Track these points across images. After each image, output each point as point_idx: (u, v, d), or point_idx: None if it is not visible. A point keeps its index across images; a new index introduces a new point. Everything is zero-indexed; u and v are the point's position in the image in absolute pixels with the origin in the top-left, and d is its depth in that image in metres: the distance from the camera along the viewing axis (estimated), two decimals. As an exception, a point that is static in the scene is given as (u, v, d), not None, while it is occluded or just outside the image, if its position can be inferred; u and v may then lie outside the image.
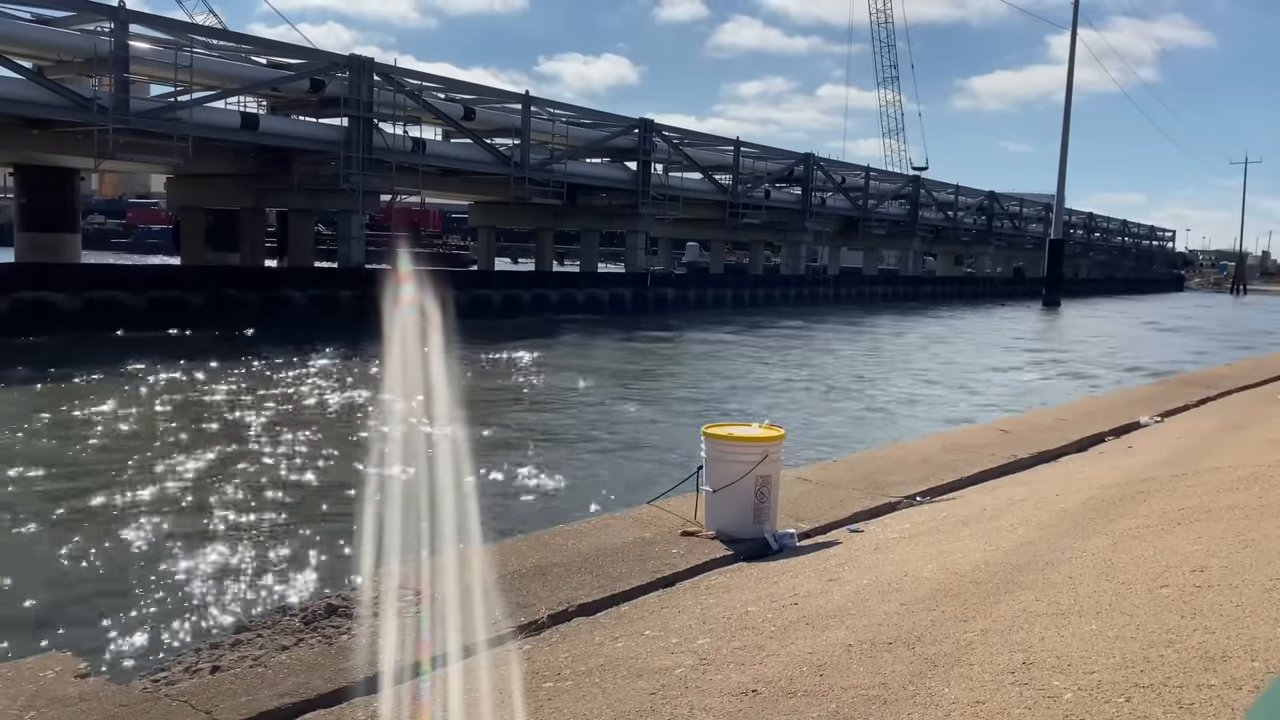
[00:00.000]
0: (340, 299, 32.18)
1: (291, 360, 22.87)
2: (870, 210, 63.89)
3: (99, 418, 15.38)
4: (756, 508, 6.23)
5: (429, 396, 15.59)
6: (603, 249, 51.97)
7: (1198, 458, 7.81)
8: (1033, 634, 3.43)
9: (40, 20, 28.73)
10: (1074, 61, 74.18)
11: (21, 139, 28.57)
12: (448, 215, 79.74)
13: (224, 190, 35.97)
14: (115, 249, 71.68)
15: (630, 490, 11.11)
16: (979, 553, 4.88)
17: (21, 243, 31.92)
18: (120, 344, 24.32)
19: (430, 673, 3.88)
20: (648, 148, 44.99)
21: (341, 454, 13.42)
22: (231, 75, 32.16)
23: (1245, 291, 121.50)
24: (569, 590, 4.95)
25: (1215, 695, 2.70)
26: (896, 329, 42.65)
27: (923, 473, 8.34)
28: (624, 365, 25.81)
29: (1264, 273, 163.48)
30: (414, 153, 35.81)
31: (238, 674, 3.91)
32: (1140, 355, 34.04)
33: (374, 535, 9.21)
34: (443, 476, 9.87)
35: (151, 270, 33.55)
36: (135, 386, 18.59)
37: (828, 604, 4.31)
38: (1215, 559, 4.09)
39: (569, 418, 17.29)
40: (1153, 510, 5.30)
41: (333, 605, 4.65)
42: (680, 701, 3.24)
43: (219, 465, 12.56)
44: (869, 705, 2.98)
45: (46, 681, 3.76)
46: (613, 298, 43.44)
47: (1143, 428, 11.82)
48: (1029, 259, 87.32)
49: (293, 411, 16.58)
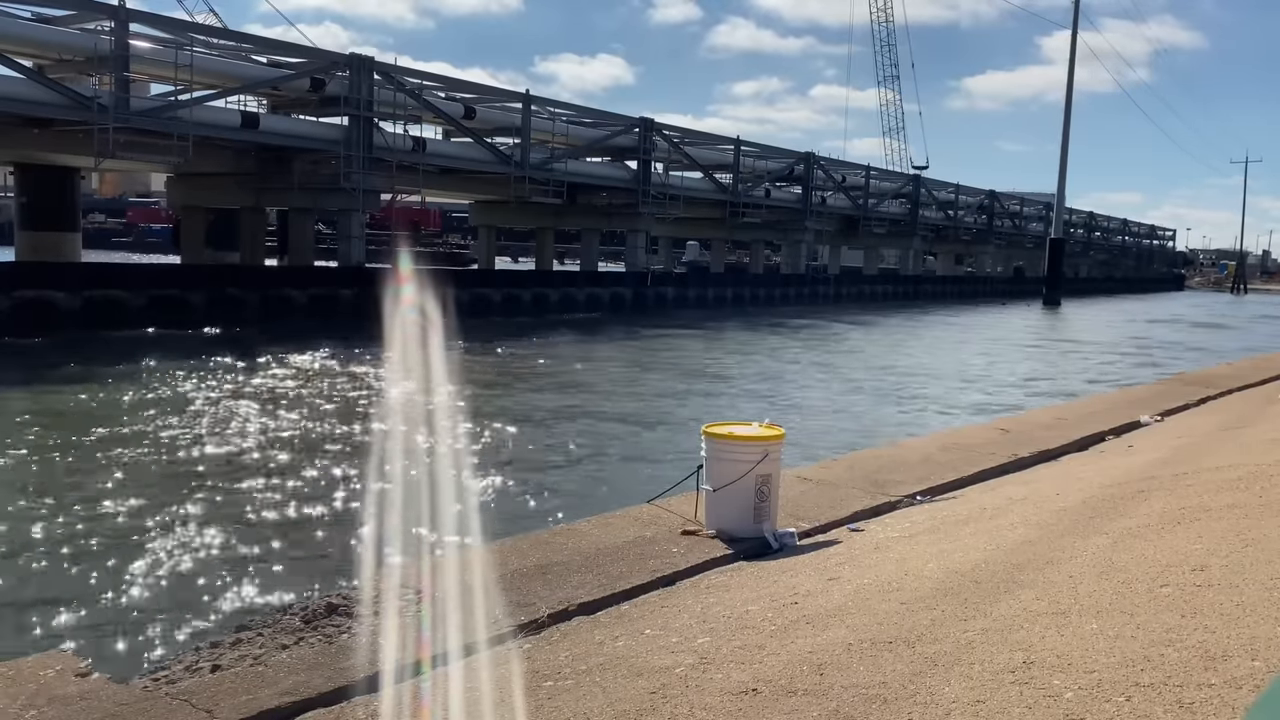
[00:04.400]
0: (340, 298, 32.18)
1: (292, 359, 22.86)
2: (871, 209, 63.86)
3: (98, 417, 15.38)
4: (757, 507, 6.23)
5: (429, 395, 15.60)
6: (603, 248, 51.96)
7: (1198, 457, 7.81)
8: (1033, 633, 3.43)
9: (40, 19, 28.73)
10: (1074, 60, 74.21)
11: (22, 138, 28.57)
12: (448, 214, 79.72)
13: (224, 189, 35.96)
14: (115, 248, 71.72)
15: (630, 489, 11.11)
16: (979, 552, 4.88)
17: (22, 242, 31.94)
18: (120, 343, 24.31)
19: (431, 671, 3.88)
20: (648, 147, 44.98)
21: (342, 453, 13.42)
22: (232, 74, 32.15)
23: (1245, 291, 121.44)
24: (569, 589, 4.95)
25: (1216, 694, 2.70)
26: (909, 328, 42.65)
27: (923, 472, 8.34)
28: (624, 364, 25.80)
29: (1264, 272, 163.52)
30: (414, 152, 35.81)
31: (238, 673, 3.91)
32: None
33: (374, 534, 9.21)
34: (443, 476, 9.88)
35: (152, 269, 33.56)
36: (134, 386, 18.58)
37: (828, 603, 4.31)
38: (1216, 558, 4.09)
39: (569, 417, 17.29)
40: (1153, 509, 5.30)
41: (333, 604, 4.65)
42: (680, 700, 3.24)
43: (219, 464, 12.56)
44: (869, 704, 2.98)
45: (47, 680, 3.76)
46: (613, 297, 43.44)
47: (1143, 427, 11.82)
48: (1029, 258, 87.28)
49: (292, 411, 16.58)
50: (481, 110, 40.03)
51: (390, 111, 34.70)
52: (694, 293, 49.34)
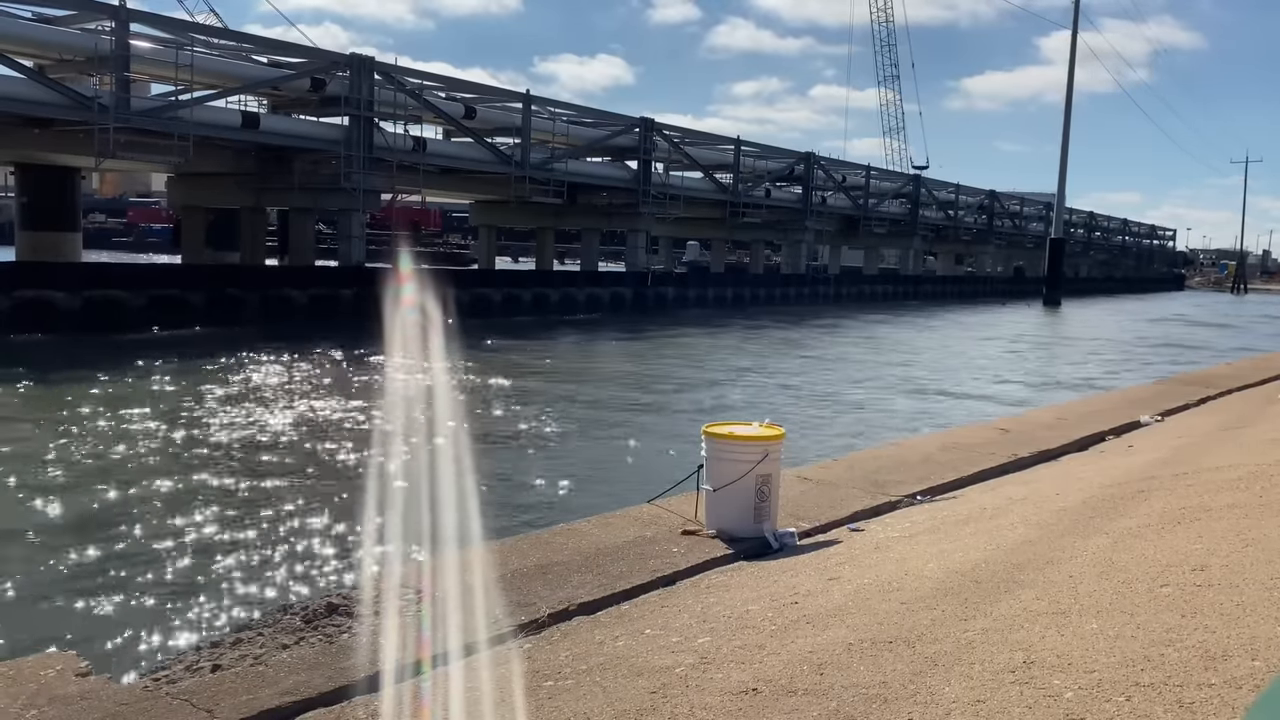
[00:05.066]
0: (341, 298, 32.17)
1: (292, 359, 22.87)
2: (871, 209, 63.83)
3: (98, 417, 15.38)
4: (757, 507, 6.23)
5: (429, 395, 15.60)
6: (603, 248, 51.94)
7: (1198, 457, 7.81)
8: (1033, 633, 3.43)
9: (41, 19, 28.74)
10: (1074, 61, 74.20)
11: (22, 138, 28.57)
12: (448, 214, 79.71)
13: (224, 189, 35.96)
14: (116, 248, 71.69)
15: (631, 489, 11.10)
16: (979, 552, 4.88)
17: (22, 242, 31.93)
18: (120, 343, 24.32)
19: (431, 671, 3.88)
20: (648, 147, 44.97)
21: (342, 453, 13.43)
22: (232, 74, 32.14)
23: (1245, 290, 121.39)
24: (570, 589, 4.94)
25: (1216, 694, 2.70)
26: (909, 328, 42.65)
27: (923, 471, 8.34)
28: (624, 364, 25.80)
29: (1264, 272, 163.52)
30: (414, 152, 35.80)
31: (239, 672, 3.91)
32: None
33: (375, 534, 9.22)
34: (443, 475, 9.87)
35: (152, 269, 33.54)
36: (134, 386, 18.59)
37: (828, 603, 4.31)
38: (1216, 558, 4.09)
39: (570, 417, 17.29)
40: (1153, 509, 5.30)
41: (334, 604, 4.65)
42: (681, 700, 3.24)
43: (219, 464, 12.56)
44: (869, 704, 2.98)
45: (48, 680, 3.76)
46: (613, 297, 43.43)
47: (1143, 427, 11.82)
48: (1029, 258, 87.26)
49: (292, 411, 16.58)
50: (482, 110, 40.02)
51: (390, 111, 34.69)
52: (694, 293, 49.33)
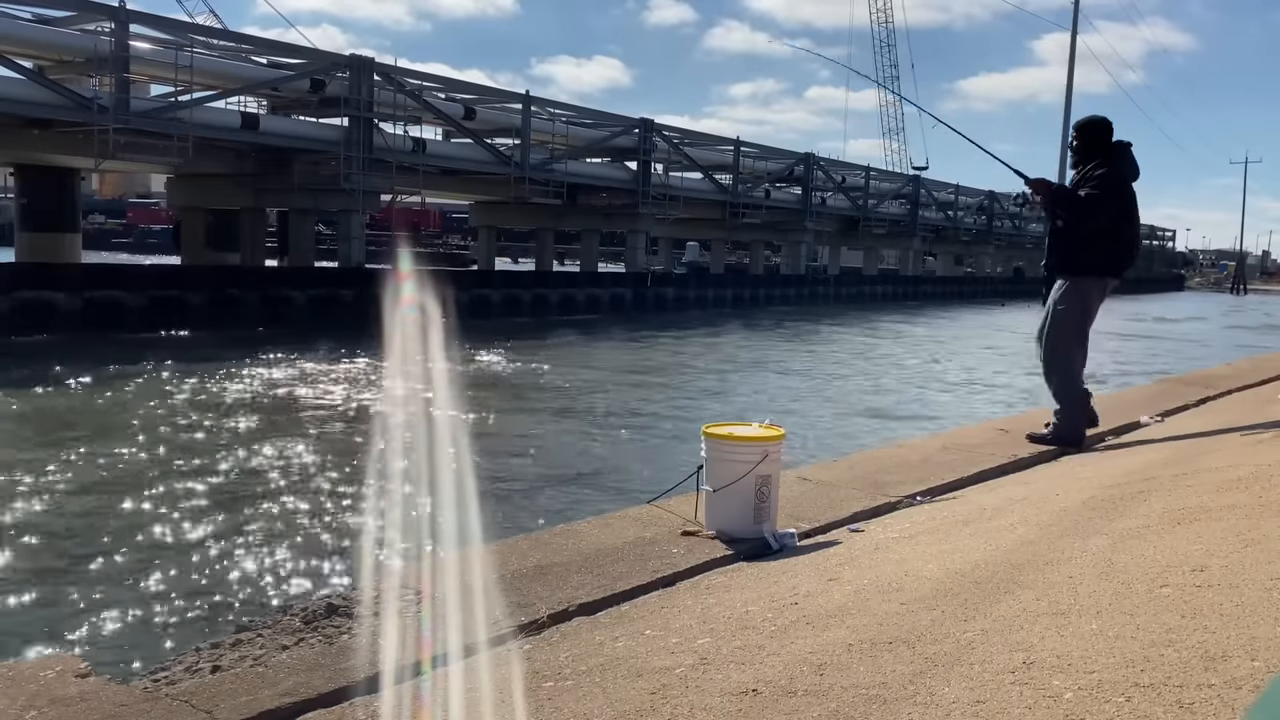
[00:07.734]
0: (341, 299, 32.18)
1: (292, 359, 22.87)
2: (870, 210, 63.85)
3: (98, 417, 15.38)
4: (757, 507, 6.22)
5: (429, 396, 15.60)
6: (603, 249, 51.92)
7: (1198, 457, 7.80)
8: (1033, 633, 3.43)
9: (40, 20, 28.73)
10: (1074, 61, 74.24)
11: (22, 139, 28.56)
12: (448, 215, 79.69)
13: (224, 190, 35.95)
14: (116, 249, 71.71)
15: (630, 490, 11.11)
16: (979, 552, 4.88)
17: (22, 243, 31.91)
18: (120, 344, 24.32)
19: (431, 672, 3.88)
20: (648, 147, 44.98)
21: (341, 453, 13.42)
22: (232, 75, 32.15)
23: (1245, 291, 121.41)
24: (569, 590, 4.94)
25: (1215, 694, 2.70)
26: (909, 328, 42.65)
27: (923, 472, 8.33)
28: (624, 365, 25.80)
29: (1264, 272, 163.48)
30: (414, 152, 35.81)
31: (238, 673, 3.90)
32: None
33: (374, 535, 9.22)
34: (443, 476, 9.88)
35: (152, 270, 33.54)
36: (133, 386, 18.58)
37: (828, 603, 4.30)
38: (1215, 558, 4.08)
39: (569, 417, 17.29)
40: (1153, 510, 5.30)
41: (333, 605, 4.64)
42: (680, 701, 3.24)
43: (218, 465, 12.56)
44: (869, 704, 2.98)
45: (47, 681, 3.76)
46: (613, 297, 43.44)
47: (1142, 427, 11.81)
48: (1029, 259, 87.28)
49: (292, 411, 16.58)
50: (481, 111, 40.03)
51: (390, 112, 34.69)
52: (694, 293, 49.33)
